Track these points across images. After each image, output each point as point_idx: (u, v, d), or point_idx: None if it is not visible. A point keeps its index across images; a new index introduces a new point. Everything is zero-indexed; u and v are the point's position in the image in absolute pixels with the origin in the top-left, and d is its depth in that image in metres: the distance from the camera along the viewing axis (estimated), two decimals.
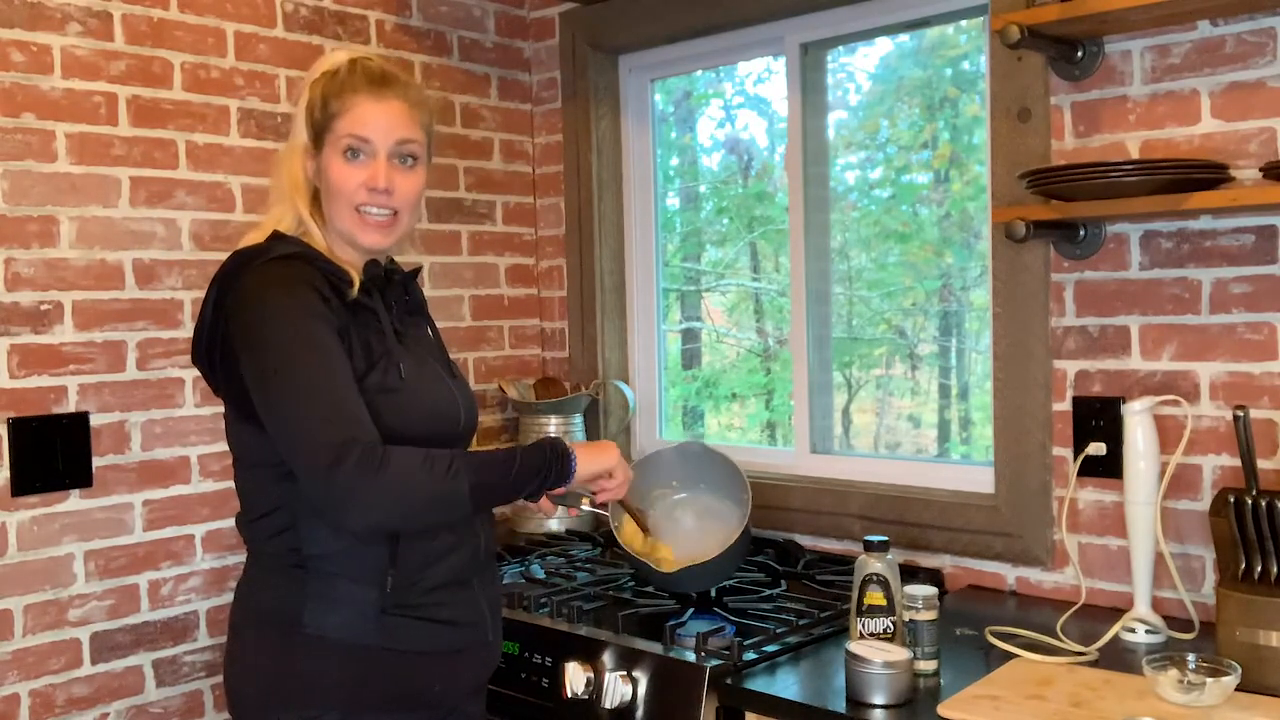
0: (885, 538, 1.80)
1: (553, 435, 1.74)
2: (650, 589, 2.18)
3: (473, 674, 1.67)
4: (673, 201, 3.07)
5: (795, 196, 2.62)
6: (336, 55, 1.63)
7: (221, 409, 2.34)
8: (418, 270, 1.74)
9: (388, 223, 1.61)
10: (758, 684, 1.75)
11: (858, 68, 2.69)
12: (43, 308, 2.16)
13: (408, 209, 1.63)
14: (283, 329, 1.48)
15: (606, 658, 1.88)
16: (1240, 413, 1.73)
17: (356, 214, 1.59)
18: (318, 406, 1.45)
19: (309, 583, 1.54)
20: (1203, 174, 1.81)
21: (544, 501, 1.74)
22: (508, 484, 1.57)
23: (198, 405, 2.37)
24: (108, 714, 2.25)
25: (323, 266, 1.55)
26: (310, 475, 1.45)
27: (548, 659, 1.97)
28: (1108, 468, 2.04)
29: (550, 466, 1.61)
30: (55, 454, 2.16)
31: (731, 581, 2.23)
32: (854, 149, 2.69)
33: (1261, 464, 1.78)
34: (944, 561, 2.30)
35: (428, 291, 2.79)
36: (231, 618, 1.65)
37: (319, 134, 1.59)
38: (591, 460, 1.67)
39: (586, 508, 1.86)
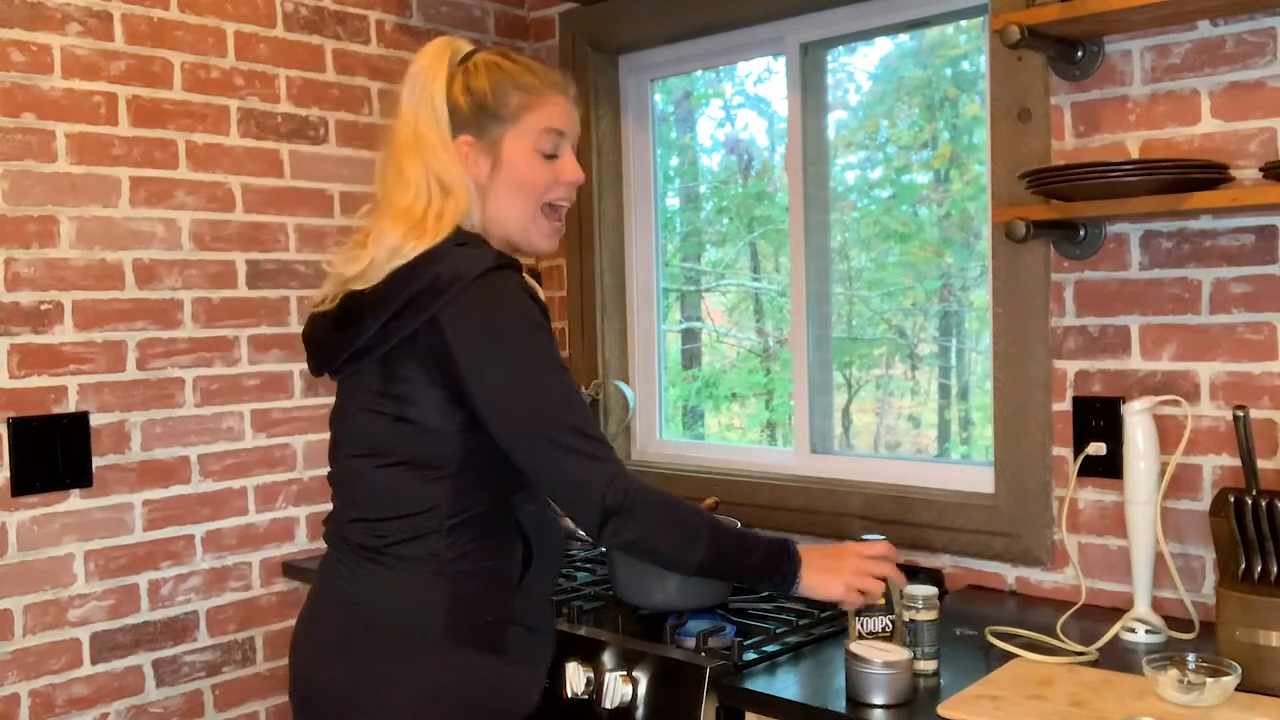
0: (885, 538, 1.80)
1: (789, 542, 1.64)
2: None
3: (544, 684, 1.66)
4: (673, 201, 3.07)
5: (795, 196, 2.62)
6: (459, 43, 1.53)
7: (225, 409, 2.39)
8: None
9: (563, 224, 1.60)
10: (758, 684, 1.75)
11: (858, 68, 2.69)
12: (43, 308, 2.16)
13: None
14: (539, 350, 1.47)
15: (606, 658, 1.88)
16: (1240, 413, 1.72)
17: (546, 211, 1.56)
18: (583, 438, 1.45)
19: (443, 589, 1.49)
20: (1203, 174, 1.81)
21: None
22: (734, 570, 1.58)
23: (198, 405, 2.37)
24: (108, 714, 2.25)
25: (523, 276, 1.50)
26: (585, 502, 1.45)
27: None
28: (1108, 468, 2.04)
29: (775, 578, 1.58)
30: (55, 454, 2.16)
31: None
32: (854, 149, 2.69)
33: (1261, 464, 1.77)
34: (944, 561, 2.30)
35: None
36: (324, 622, 1.55)
37: (484, 125, 1.50)
38: (817, 585, 1.61)
39: None
